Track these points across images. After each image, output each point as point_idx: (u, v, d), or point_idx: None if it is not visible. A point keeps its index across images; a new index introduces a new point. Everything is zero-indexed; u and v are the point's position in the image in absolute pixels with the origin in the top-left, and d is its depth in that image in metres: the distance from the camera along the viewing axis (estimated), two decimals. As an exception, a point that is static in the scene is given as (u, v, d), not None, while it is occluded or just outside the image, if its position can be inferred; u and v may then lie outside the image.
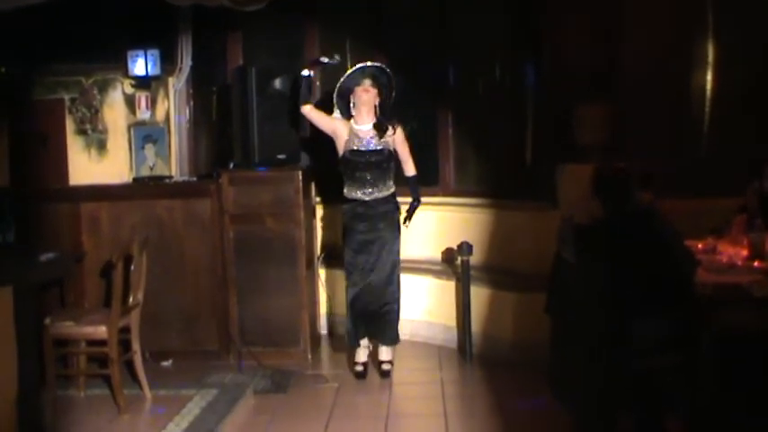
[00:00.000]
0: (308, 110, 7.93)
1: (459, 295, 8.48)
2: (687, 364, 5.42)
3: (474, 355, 8.27)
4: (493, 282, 8.44)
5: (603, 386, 5.64)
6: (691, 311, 5.40)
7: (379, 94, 7.85)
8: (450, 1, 9.26)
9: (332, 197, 8.33)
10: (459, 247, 8.29)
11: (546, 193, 8.01)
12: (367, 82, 7.80)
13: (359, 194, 7.82)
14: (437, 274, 8.95)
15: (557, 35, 8.28)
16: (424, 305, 8.88)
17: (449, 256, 9.02)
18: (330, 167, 8.18)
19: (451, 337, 8.66)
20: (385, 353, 7.99)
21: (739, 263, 5.84)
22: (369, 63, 7.95)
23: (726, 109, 7.75)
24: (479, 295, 8.33)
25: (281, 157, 8.40)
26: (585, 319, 5.80)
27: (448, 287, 8.72)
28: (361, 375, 7.91)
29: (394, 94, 7.98)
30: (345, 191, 7.91)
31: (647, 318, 5.52)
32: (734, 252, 6.04)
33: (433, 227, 9.19)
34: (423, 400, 7.41)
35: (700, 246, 6.20)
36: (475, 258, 8.39)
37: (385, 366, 7.96)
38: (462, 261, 8.27)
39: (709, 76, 7.78)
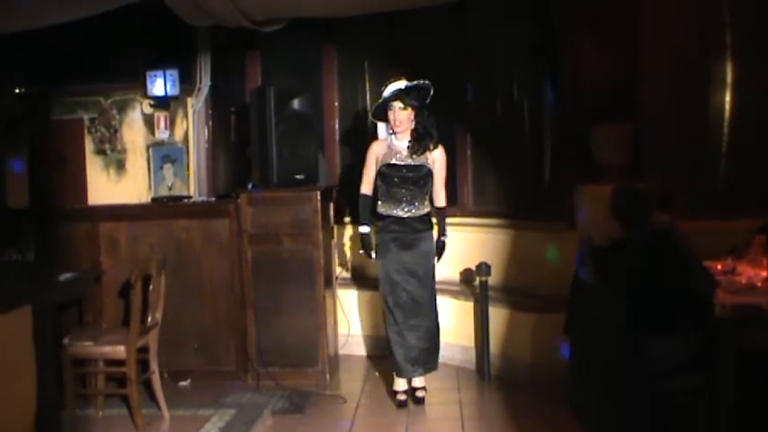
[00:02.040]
0: (367, 191, 7.82)
1: (477, 316, 8.47)
2: (706, 384, 5.40)
3: (492, 375, 8.25)
4: (511, 302, 8.42)
5: (623, 407, 5.63)
6: (710, 332, 5.39)
7: (414, 109, 7.58)
8: (469, 20, 9.28)
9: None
10: (478, 267, 8.28)
11: (565, 214, 8.03)
12: (397, 105, 7.54)
13: (395, 211, 7.65)
14: (455, 294, 8.93)
15: (575, 55, 8.29)
16: (443, 325, 8.80)
17: (467, 276, 9.02)
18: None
19: (470, 358, 8.63)
20: (419, 379, 7.79)
21: (759, 284, 5.82)
22: (396, 87, 7.61)
23: (745, 129, 7.73)
24: (498, 316, 8.30)
25: (299, 177, 8.38)
26: (604, 340, 5.79)
27: (466, 308, 8.70)
28: (402, 404, 7.69)
29: (430, 98, 7.66)
30: (380, 207, 7.74)
31: (665, 339, 5.52)
32: (753, 273, 6.01)
33: (451, 247, 9.14)
34: (441, 422, 7.38)
35: (719, 266, 6.19)
36: (493, 279, 8.37)
37: (419, 393, 7.74)
38: (481, 281, 8.25)
39: (728, 96, 7.77)
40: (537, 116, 8.96)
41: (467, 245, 9.10)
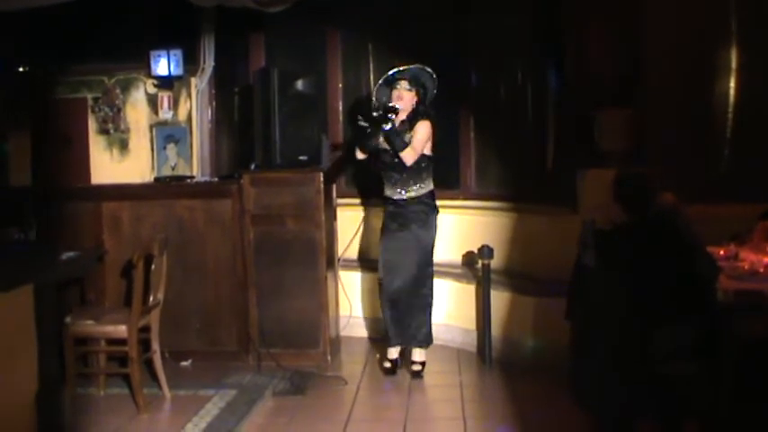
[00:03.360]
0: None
1: (479, 299, 8.48)
2: (707, 370, 5.40)
3: (493, 358, 8.25)
4: (513, 286, 8.42)
5: (623, 392, 5.63)
6: (711, 318, 5.38)
7: (417, 93, 7.80)
8: (473, 4, 9.26)
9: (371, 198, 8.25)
10: (480, 250, 8.28)
11: (567, 198, 8.03)
12: (403, 84, 7.77)
13: (392, 194, 7.88)
14: (457, 277, 8.94)
15: (579, 40, 8.28)
16: (445, 308, 8.86)
17: (469, 259, 9.02)
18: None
19: (471, 341, 8.64)
20: (417, 354, 7.98)
21: (761, 270, 5.82)
22: (402, 68, 7.86)
23: (749, 115, 7.72)
24: (499, 299, 8.31)
25: (302, 158, 8.39)
26: (606, 325, 5.79)
27: (468, 290, 8.71)
28: (389, 372, 7.96)
29: (435, 90, 7.91)
30: (384, 190, 7.98)
31: (667, 324, 5.51)
32: (756, 259, 6.01)
33: (453, 230, 9.18)
34: (442, 404, 7.41)
35: (721, 252, 6.18)
36: (495, 262, 8.37)
37: (415, 367, 7.95)
38: (483, 264, 8.25)
39: (732, 83, 7.76)
40: (540, 100, 8.94)
41: (469, 228, 9.11)
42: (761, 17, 7.68)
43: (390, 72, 7.83)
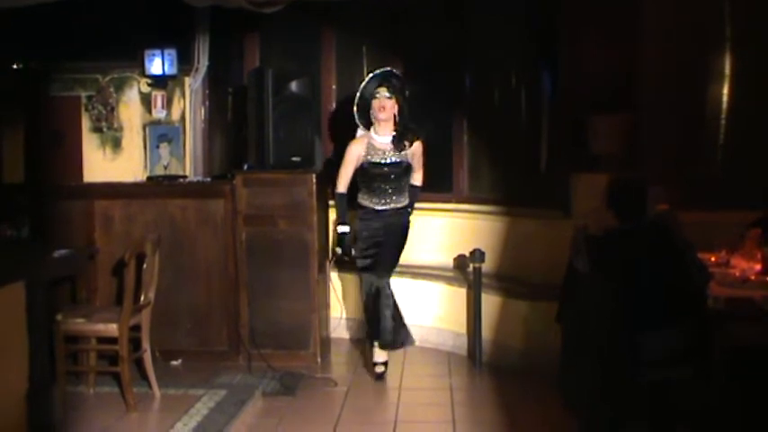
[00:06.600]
0: (344, 190, 8.08)
1: (470, 302, 8.47)
2: (698, 376, 5.41)
3: (484, 362, 8.25)
4: (504, 289, 8.42)
5: (614, 396, 5.64)
6: (702, 324, 5.40)
7: (397, 101, 7.83)
8: (468, 7, 9.27)
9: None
10: (472, 254, 8.28)
11: (560, 202, 8.04)
12: (383, 93, 7.80)
13: (374, 204, 7.93)
14: (449, 280, 8.93)
15: (574, 44, 8.29)
16: (435, 311, 8.86)
17: (461, 262, 9.01)
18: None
19: (461, 344, 8.64)
20: (377, 354, 8.02)
21: (752, 277, 5.84)
22: (379, 71, 7.96)
23: (742, 122, 7.74)
24: (490, 302, 8.31)
25: (295, 159, 8.39)
26: (597, 330, 5.80)
27: (459, 294, 8.70)
28: (380, 377, 7.96)
29: (407, 93, 7.98)
30: (360, 198, 8.02)
31: (658, 330, 5.52)
32: (747, 266, 6.03)
33: (445, 233, 9.20)
34: (431, 407, 7.39)
35: (713, 259, 6.21)
36: (487, 266, 8.37)
37: (378, 369, 7.99)
38: (474, 268, 8.25)
39: (726, 89, 7.78)
40: (534, 104, 8.96)
41: (461, 231, 9.11)
42: (755, 24, 7.69)
43: (368, 81, 7.94)
